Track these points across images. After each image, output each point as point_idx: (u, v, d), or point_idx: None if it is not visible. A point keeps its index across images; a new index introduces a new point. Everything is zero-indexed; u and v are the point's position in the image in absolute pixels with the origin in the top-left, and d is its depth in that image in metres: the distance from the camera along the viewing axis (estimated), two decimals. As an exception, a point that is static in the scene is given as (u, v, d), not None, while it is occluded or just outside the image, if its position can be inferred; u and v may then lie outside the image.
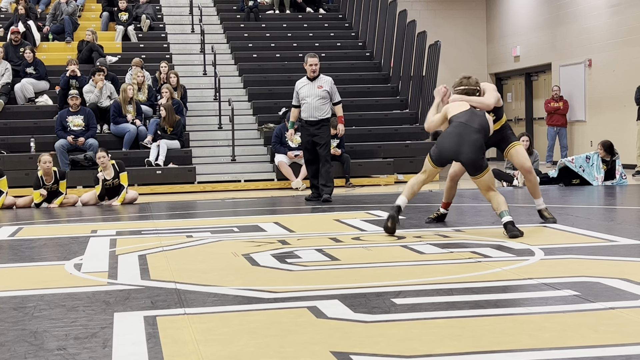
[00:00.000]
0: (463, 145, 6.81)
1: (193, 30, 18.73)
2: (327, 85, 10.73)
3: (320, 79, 10.73)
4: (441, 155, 6.96)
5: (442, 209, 7.83)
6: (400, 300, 4.27)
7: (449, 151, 6.91)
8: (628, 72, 16.48)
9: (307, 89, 10.66)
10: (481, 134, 6.88)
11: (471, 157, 6.80)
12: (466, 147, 6.79)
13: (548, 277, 4.82)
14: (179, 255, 6.28)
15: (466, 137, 6.81)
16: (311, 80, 10.71)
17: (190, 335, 3.67)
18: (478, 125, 6.89)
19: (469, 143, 6.79)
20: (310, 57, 10.77)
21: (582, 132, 18.47)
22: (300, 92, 10.70)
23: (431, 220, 7.81)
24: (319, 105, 10.61)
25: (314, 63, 10.67)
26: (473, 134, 6.82)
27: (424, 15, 21.30)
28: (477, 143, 6.81)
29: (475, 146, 6.80)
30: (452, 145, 6.87)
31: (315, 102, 10.59)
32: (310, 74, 10.72)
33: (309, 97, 10.61)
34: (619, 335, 3.47)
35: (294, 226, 7.89)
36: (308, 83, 10.71)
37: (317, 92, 10.62)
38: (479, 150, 6.82)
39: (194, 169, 13.79)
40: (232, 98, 15.32)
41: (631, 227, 7.38)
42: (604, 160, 12.33)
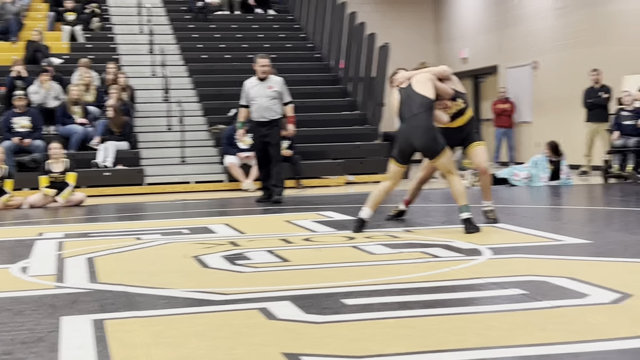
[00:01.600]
0: (412, 133, 6.96)
1: (141, 31, 18.55)
2: (278, 85, 10.72)
3: (271, 80, 10.71)
4: (401, 151, 7.11)
5: (402, 205, 7.93)
6: (351, 301, 4.28)
7: (404, 145, 7.06)
8: (573, 74, 16.76)
9: (257, 89, 10.62)
10: (421, 115, 6.95)
11: (422, 142, 6.95)
12: (415, 134, 6.94)
13: (496, 276, 4.88)
14: (128, 257, 6.22)
15: (412, 125, 6.96)
16: (261, 80, 10.68)
17: (140, 339, 3.64)
18: (417, 108, 6.98)
19: (415, 129, 6.94)
20: (261, 57, 10.74)
21: (529, 133, 18.74)
22: (249, 93, 10.66)
23: (390, 218, 7.92)
24: (269, 105, 10.59)
25: (265, 64, 10.65)
26: (413, 121, 6.96)
27: (373, 17, 21.37)
28: (420, 127, 6.92)
29: (420, 130, 6.92)
30: (404, 139, 7.04)
31: (265, 102, 10.56)
32: (260, 75, 10.69)
33: (259, 97, 10.58)
34: (565, 334, 3.53)
35: (245, 228, 7.87)
36: (258, 83, 10.67)
37: (267, 92, 10.60)
38: (426, 133, 6.93)
39: (143, 170, 13.66)
40: (182, 99, 15.22)
41: (577, 227, 7.51)
42: (550, 161, 12.53)
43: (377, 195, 7.18)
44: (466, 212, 6.90)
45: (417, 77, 7.19)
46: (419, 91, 7.05)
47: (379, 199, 7.21)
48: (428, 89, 7.06)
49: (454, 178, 7.01)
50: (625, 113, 12.93)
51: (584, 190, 11.93)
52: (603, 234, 6.68)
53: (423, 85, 7.08)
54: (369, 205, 7.17)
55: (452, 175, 7.02)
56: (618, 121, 12.95)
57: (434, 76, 7.18)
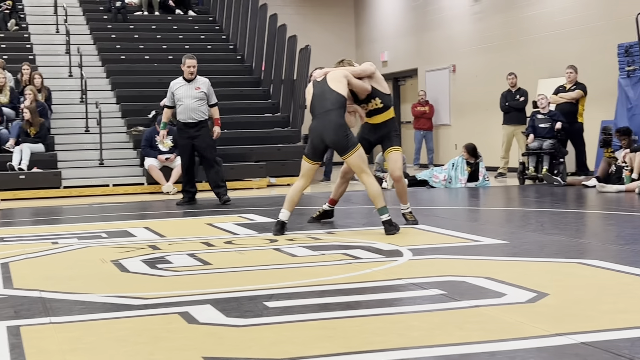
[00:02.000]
0: (324, 129, 7.03)
1: (58, 31, 18.17)
2: (205, 86, 10.66)
3: (197, 81, 10.65)
4: (313, 147, 7.17)
5: (327, 204, 7.94)
6: (273, 304, 4.27)
7: (316, 141, 7.12)
8: (490, 78, 17.11)
9: (184, 90, 10.52)
10: (334, 112, 7.02)
11: (333, 138, 7.03)
12: (327, 131, 7.02)
13: (416, 277, 4.94)
14: (44, 262, 6.08)
15: (324, 122, 7.03)
16: (188, 81, 10.58)
17: (56, 345, 3.56)
18: (329, 106, 7.05)
19: (327, 126, 7.01)
20: (189, 58, 10.65)
21: (448, 135, 19.04)
22: (176, 93, 10.54)
23: (313, 220, 7.93)
24: (196, 106, 10.52)
25: (192, 65, 10.58)
26: (325, 117, 7.03)
27: (294, 19, 21.41)
28: (332, 123, 7.00)
29: (332, 127, 6.99)
30: (316, 135, 7.11)
31: (192, 103, 10.48)
32: (187, 75, 10.60)
33: (186, 98, 10.49)
34: (483, 333, 3.59)
35: (165, 231, 7.78)
36: (185, 84, 10.58)
37: (194, 93, 10.52)
38: (338, 129, 7.00)
39: (60, 173, 13.38)
40: (100, 100, 14.96)
41: (493, 227, 7.66)
42: (468, 163, 12.75)
43: (293, 196, 7.21)
44: (385, 214, 6.97)
45: (332, 73, 7.24)
46: (333, 88, 7.11)
47: (296, 199, 7.24)
48: (342, 86, 7.13)
49: (368, 179, 7.04)
50: (540, 116, 13.24)
51: (501, 192, 12.18)
52: (519, 235, 6.84)
53: (337, 82, 7.14)
54: (287, 207, 7.20)
55: (365, 176, 7.05)
56: (533, 124, 13.26)
57: (349, 74, 7.23)
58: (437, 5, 19.30)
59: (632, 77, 13.17)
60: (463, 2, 18.29)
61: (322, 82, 7.22)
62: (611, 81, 13.94)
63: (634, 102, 13.09)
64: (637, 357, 3.14)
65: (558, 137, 13.04)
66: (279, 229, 7.12)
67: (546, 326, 3.63)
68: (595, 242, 6.51)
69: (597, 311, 3.95)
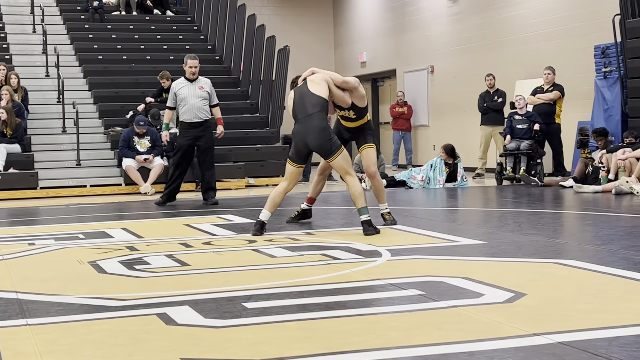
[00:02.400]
0: (307, 134, 7.05)
1: (34, 31, 18.05)
2: (207, 86, 10.64)
3: (200, 80, 10.61)
4: (298, 151, 7.17)
5: (305, 203, 7.96)
6: (251, 304, 4.27)
7: (300, 145, 7.13)
8: (468, 79, 17.18)
9: (188, 90, 10.45)
10: (315, 115, 7.04)
11: (317, 142, 7.06)
12: (310, 135, 7.04)
13: (395, 277, 4.95)
14: (21, 263, 6.03)
15: (307, 126, 7.05)
16: (190, 81, 10.52)
17: (33, 347, 3.53)
18: (310, 110, 7.06)
19: (310, 130, 7.03)
20: (191, 58, 10.60)
21: (426, 136, 19.10)
22: (179, 94, 10.45)
23: (291, 220, 7.93)
24: (201, 106, 10.47)
25: (194, 65, 10.52)
26: (308, 121, 7.04)
27: (272, 20, 21.42)
28: (315, 128, 7.01)
29: (315, 131, 7.02)
30: (300, 139, 7.11)
31: (197, 102, 10.43)
32: (189, 76, 10.54)
33: (190, 97, 10.42)
34: (461, 333, 3.60)
35: (143, 232, 7.75)
36: (187, 84, 10.51)
37: (199, 92, 10.47)
38: (320, 133, 7.03)
39: (37, 174, 13.29)
40: (77, 100, 14.87)
41: (472, 228, 7.69)
42: (446, 164, 12.80)
43: (275, 197, 7.23)
44: (365, 215, 7.00)
45: (312, 76, 7.25)
46: (313, 91, 7.13)
47: (278, 200, 7.26)
48: (322, 89, 7.15)
49: (351, 179, 7.08)
50: (518, 117, 13.32)
51: (479, 192, 12.23)
52: (497, 235, 6.87)
53: (317, 85, 7.17)
54: (268, 207, 7.21)
55: (349, 176, 7.09)
56: (511, 125, 13.33)
57: (330, 79, 7.24)
58: (415, 7, 19.36)
59: (609, 78, 13.27)
60: (441, 3, 18.36)
61: (301, 87, 7.24)
62: (588, 82, 14.05)
63: (610, 103, 13.19)
64: (614, 356, 3.16)
65: (535, 138, 13.12)
66: (258, 229, 7.13)
67: (524, 326, 3.65)
68: (572, 242, 6.55)
69: (574, 311, 3.97)
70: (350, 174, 7.10)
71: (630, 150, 11.30)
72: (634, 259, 5.41)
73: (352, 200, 7.13)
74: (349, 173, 7.10)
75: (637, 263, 5.24)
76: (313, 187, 7.98)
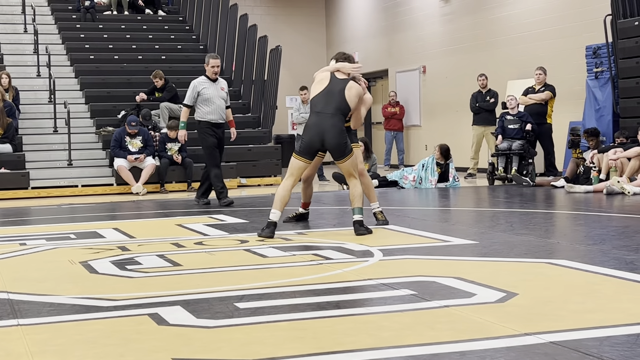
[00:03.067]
0: (325, 131, 7.00)
1: (26, 30, 18.00)
2: (226, 87, 10.61)
3: (221, 81, 10.55)
4: (309, 146, 7.09)
5: (301, 209, 8.00)
6: (243, 305, 4.26)
7: (315, 140, 7.06)
8: (459, 79, 17.21)
9: (212, 90, 10.33)
10: (337, 116, 7.06)
11: (335, 142, 7.02)
12: (329, 133, 7.00)
13: (387, 277, 4.95)
14: (12, 264, 6.01)
15: (325, 125, 7.01)
16: (213, 81, 10.43)
17: (24, 347, 3.52)
18: (333, 110, 7.05)
19: (328, 129, 7.00)
20: (213, 58, 10.49)
21: (418, 136, 19.12)
22: (203, 93, 10.30)
23: (289, 220, 7.93)
24: (224, 107, 10.40)
25: (217, 65, 10.42)
26: (330, 119, 7.01)
27: (265, 20, 21.41)
28: (336, 127, 7.01)
29: (335, 130, 7.01)
30: (315, 134, 7.04)
31: (221, 103, 10.35)
32: (212, 75, 10.42)
33: (216, 98, 10.30)
34: (453, 332, 3.61)
35: (135, 232, 7.73)
36: (211, 84, 10.39)
37: (221, 93, 10.40)
38: (340, 134, 7.02)
39: (28, 174, 13.25)
40: (68, 100, 14.84)
41: (464, 228, 7.70)
42: (438, 164, 12.81)
43: (283, 195, 7.03)
44: (358, 215, 7.00)
45: (355, 84, 7.19)
46: (347, 95, 7.11)
47: (286, 198, 7.07)
48: (353, 101, 7.14)
49: (354, 181, 7.13)
50: (509, 117, 13.34)
51: (471, 192, 12.25)
52: (489, 235, 6.88)
53: (354, 95, 7.15)
54: (277, 207, 7.00)
55: (353, 179, 7.14)
56: (503, 125, 13.35)
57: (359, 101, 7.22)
58: (407, 7, 19.38)
59: (600, 78, 13.31)
60: (433, 4, 18.38)
61: (339, 82, 7.18)
62: (579, 82, 14.08)
63: (601, 103, 13.23)
64: (605, 356, 3.17)
65: (527, 138, 13.15)
66: (272, 231, 6.90)
67: (515, 326, 3.66)
68: (564, 242, 6.56)
69: (565, 311, 3.98)
70: (354, 176, 7.14)
71: (622, 150, 11.34)
72: (626, 258, 5.43)
73: (350, 199, 7.14)
74: (353, 175, 7.14)
75: (629, 263, 5.26)
76: (303, 193, 8.02)
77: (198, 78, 10.61)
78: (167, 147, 13.68)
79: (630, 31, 12.64)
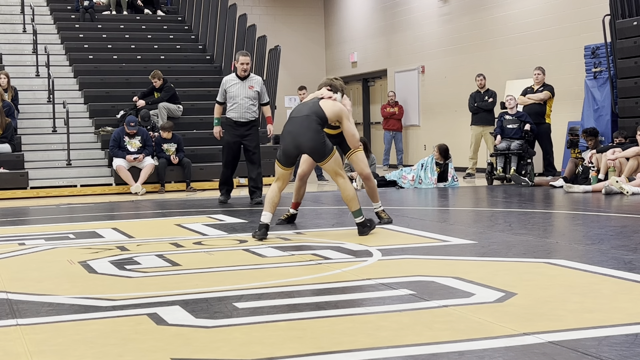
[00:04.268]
0: (299, 136, 6.85)
1: (25, 30, 17.99)
2: (258, 85, 10.45)
3: (251, 79, 10.43)
4: (285, 154, 6.96)
5: (292, 209, 7.94)
6: (242, 304, 4.26)
7: (289, 148, 6.92)
8: (458, 79, 17.21)
9: (238, 88, 10.30)
10: (311, 117, 6.87)
11: (310, 145, 6.85)
12: (302, 137, 6.84)
13: (385, 277, 4.95)
14: (11, 263, 6.02)
15: (299, 128, 6.86)
16: (241, 79, 10.37)
17: (23, 347, 3.52)
18: (307, 112, 6.91)
19: (303, 132, 6.84)
20: (242, 55, 10.40)
21: (417, 136, 19.12)
22: (229, 91, 10.30)
23: (282, 222, 7.90)
24: (249, 105, 10.32)
25: (246, 62, 10.31)
26: (304, 122, 6.86)
27: (263, 19, 21.42)
28: (310, 128, 6.83)
29: (310, 133, 6.82)
30: (290, 141, 6.91)
31: (246, 102, 10.28)
32: (240, 73, 10.35)
33: (239, 97, 10.27)
34: (452, 332, 3.61)
35: (133, 232, 7.73)
36: (238, 82, 10.34)
37: (248, 92, 10.32)
38: (315, 135, 6.84)
39: (27, 173, 13.25)
40: (67, 100, 14.84)
41: (462, 228, 7.70)
42: (437, 163, 12.82)
43: (272, 197, 6.97)
44: (359, 217, 6.93)
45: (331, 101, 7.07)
46: (322, 105, 6.97)
47: (276, 200, 6.99)
48: (331, 113, 6.98)
49: (343, 181, 6.96)
50: (508, 117, 13.35)
51: (469, 192, 12.25)
52: (487, 235, 6.88)
53: (331, 107, 6.99)
54: (268, 209, 6.94)
55: (341, 179, 6.97)
56: (501, 125, 13.36)
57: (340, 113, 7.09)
58: (406, 7, 19.38)
59: (599, 78, 13.31)
60: (432, 4, 18.39)
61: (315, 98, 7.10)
62: (578, 82, 14.09)
63: (600, 103, 13.24)
64: (604, 355, 3.17)
65: (526, 138, 13.15)
66: (263, 233, 6.84)
67: (514, 325, 3.66)
68: (563, 242, 6.57)
69: (564, 310, 3.99)
70: (341, 175, 6.99)
71: (620, 150, 11.35)
72: (624, 258, 5.43)
73: (346, 203, 7.06)
74: (340, 175, 6.99)
75: (627, 263, 5.26)
76: (295, 193, 7.91)
77: (229, 75, 10.61)
78: (164, 147, 13.68)
79: (628, 31, 12.64)
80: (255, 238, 6.83)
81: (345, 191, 6.95)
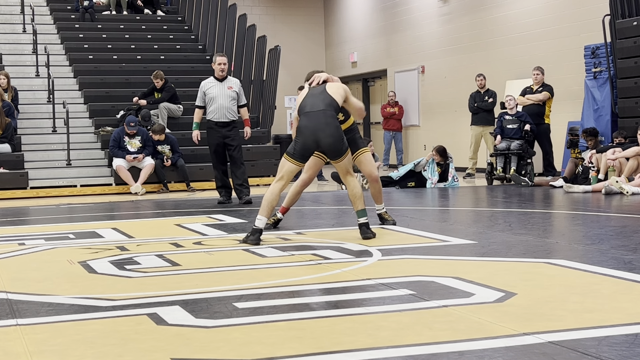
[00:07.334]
0: (318, 131, 6.67)
1: (25, 30, 17.99)
2: (236, 86, 10.47)
3: (229, 80, 10.46)
4: (304, 148, 6.74)
5: (280, 213, 7.75)
6: (242, 304, 4.26)
7: (309, 142, 6.71)
8: (458, 79, 17.21)
9: (217, 89, 10.29)
10: (329, 112, 6.76)
11: (330, 141, 6.69)
12: (322, 133, 6.67)
13: (385, 277, 4.95)
14: (11, 263, 6.01)
15: (318, 123, 6.69)
16: (220, 80, 10.38)
17: (23, 347, 3.52)
18: (324, 106, 6.78)
19: (322, 127, 6.68)
20: (220, 56, 10.43)
21: (417, 136, 19.13)
22: (208, 93, 10.29)
23: (267, 227, 7.80)
24: (230, 106, 10.30)
25: (223, 62, 10.34)
26: (322, 116, 6.71)
27: (263, 19, 21.42)
28: (330, 125, 6.71)
29: (330, 129, 6.69)
30: (309, 135, 6.70)
31: (226, 102, 10.26)
32: (218, 74, 10.37)
33: (219, 97, 10.25)
34: (451, 332, 3.61)
35: (133, 232, 7.73)
36: (217, 83, 10.34)
37: (228, 92, 10.30)
38: (336, 131, 6.72)
39: (27, 173, 13.26)
40: (67, 100, 14.84)
41: (462, 228, 7.70)
42: (438, 164, 12.82)
43: (271, 200, 6.75)
44: (363, 217, 6.84)
45: (332, 83, 7.05)
46: (329, 92, 6.88)
47: (274, 203, 6.80)
48: (339, 96, 6.89)
49: (351, 180, 6.90)
50: (508, 117, 13.35)
51: (469, 192, 12.25)
52: (487, 235, 6.88)
53: (336, 90, 6.92)
54: (264, 212, 6.73)
55: (350, 177, 6.91)
56: (501, 125, 13.36)
57: (345, 92, 7.08)
58: (406, 7, 19.38)
59: (599, 78, 13.31)
60: (432, 4, 18.39)
61: (317, 87, 6.97)
62: (578, 82, 14.09)
63: (600, 103, 13.24)
64: (604, 355, 3.17)
65: (526, 138, 13.16)
66: (257, 238, 6.62)
67: (514, 325, 3.66)
68: (563, 242, 6.57)
69: (564, 310, 3.99)
70: (351, 174, 6.95)
71: (620, 150, 11.35)
72: (624, 258, 5.43)
73: (351, 201, 7.00)
74: (350, 173, 6.94)
75: (627, 263, 5.26)
76: (290, 198, 7.68)
77: (206, 78, 10.59)
78: (158, 149, 13.68)
79: (628, 31, 12.64)
80: (248, 243, 6.59)
81: (353, 189, 6.88)
